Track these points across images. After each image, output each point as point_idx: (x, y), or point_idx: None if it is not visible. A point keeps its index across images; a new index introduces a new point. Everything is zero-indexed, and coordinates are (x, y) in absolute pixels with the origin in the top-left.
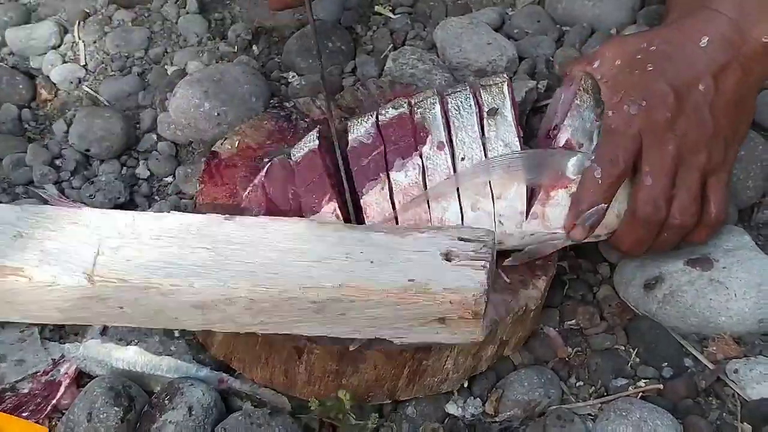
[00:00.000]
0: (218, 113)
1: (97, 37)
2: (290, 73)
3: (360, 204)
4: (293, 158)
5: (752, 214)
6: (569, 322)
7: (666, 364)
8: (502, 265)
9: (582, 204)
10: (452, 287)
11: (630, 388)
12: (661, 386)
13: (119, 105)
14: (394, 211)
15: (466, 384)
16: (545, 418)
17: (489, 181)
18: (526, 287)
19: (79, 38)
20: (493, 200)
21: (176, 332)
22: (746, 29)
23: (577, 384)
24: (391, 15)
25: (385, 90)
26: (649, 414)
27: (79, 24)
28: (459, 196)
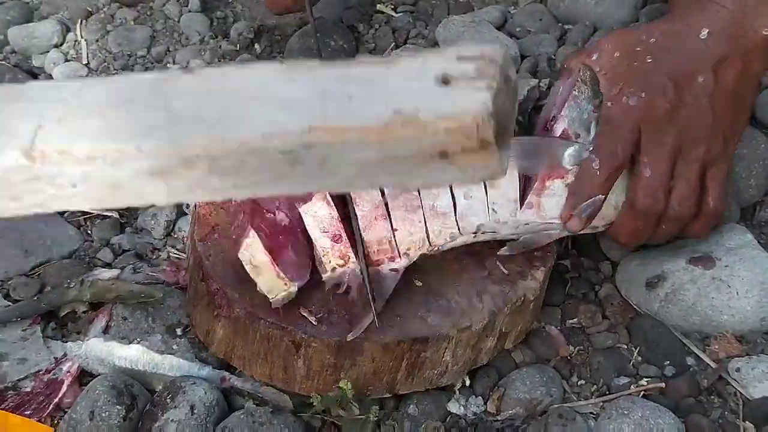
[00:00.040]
0: None
1: (100, 35)
2: None
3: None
4: None
5: (754, 212)
6: (571, 321)
7: (668, 362)
8: (498, 255)
9: (579, 195)
10: (448, 113)
11: (632, 387)
12: (663, 385)
13: None
14: (383, 197)
15: (468, 382)
16: (547, 417)
17: None
18: (525, 278)
19: (82, 37)
20: (486, 188)
21: (178, 331)
22: (747, 22)
23: (579, 382)
24: (393, 13)
25: None
26: (651, 412)
27: (81, 22)
28: (452, 185)
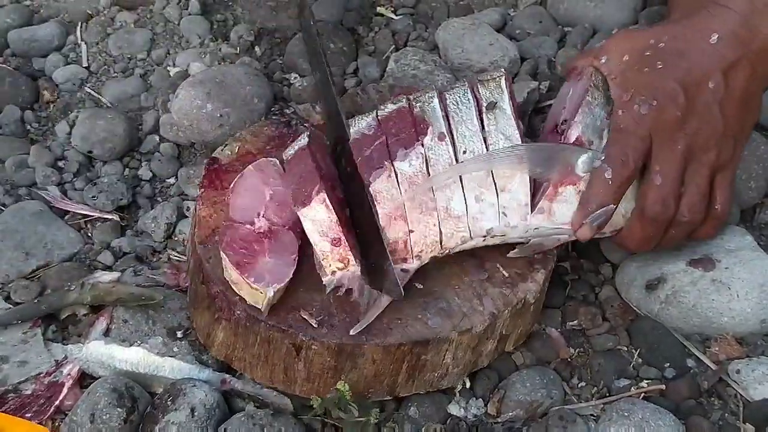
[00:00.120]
0: (220, 114)
1: (100, 38)
2: (292, 74)
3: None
4: (284, 157)
5: (754, 214)
6: (571, 323)
7: (668, 364)
8: (507, 257)
9: (591, 204)
10: None
11: (632, 389)
12: (664, 387)
13: (122, 106)
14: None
15: (468, 384)
16: (547, 419)
17: (492, 174)
18: (525, 281)
19: (82, 40)
20: (497, 192)
21: (179, 333)
22: (756, 25)
23: (580, 384)
24: (392, 16)
25: (385, 94)
26: (651, 414)
27: (81, 25)
28: (463, 187)
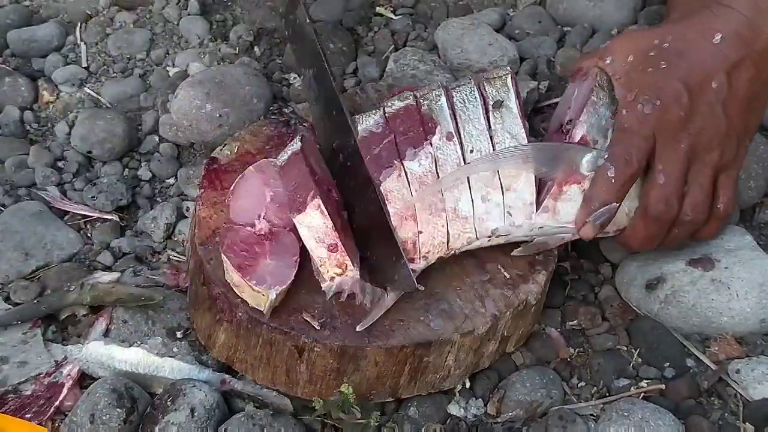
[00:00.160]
0: (220, 115)
1: (99, 38)
2: (292, 74)
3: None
4: (278, 163)
5: (754, 214)
6: (571, 323)
7: (668, 364)
8: (512, 255)
9: (594, 202)
10: None
11: (632, 389)
12: (663, 386)
13: (121, 107)
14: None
15: (468, 384)
16: (547, 419)
17: (498, 173)
18: (526, 282)
19: (81, 40)
20: (503, 192)
21: (179, 333)
22: (759, 25)
23: (579, 384)
24: (392, 16)
25: (384, 93)
26: (651, 414)
27: (80, 26)
28: (470, 187)
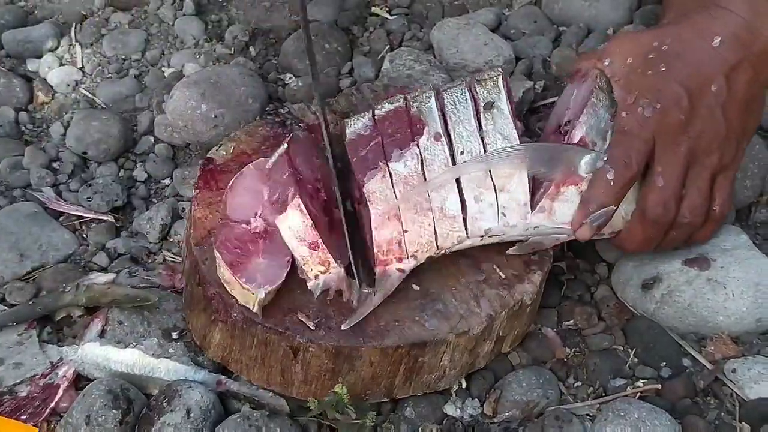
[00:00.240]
0: (215, 115)
1: (94, 39)
2: (287, 74)
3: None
4: (266, 167)
5: (750, 213)
6: (567, 323)
7: (664, 364)
8: (507, 254)
9: (592, 204)
10: None
11: (628, 389)
12: (660, 386)
13: (116, 107)
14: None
15: (465, 385)
16: (543, 419)
17: (491, 174)
18: (521, 282)
19: (76, 41)
20: (496, 192)
21: (174, 334)
22: (757, 28)
23: (576, 384)
24: (387, 16)
25: (380, 94)
26: (647, 414)
27: (75, 26)
28: (461, 187)
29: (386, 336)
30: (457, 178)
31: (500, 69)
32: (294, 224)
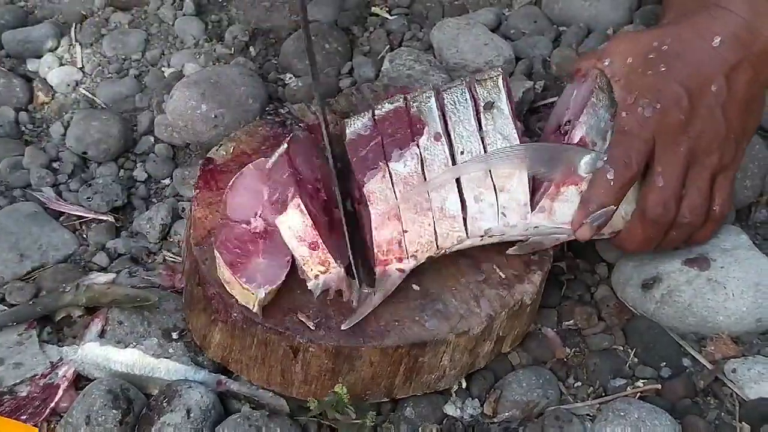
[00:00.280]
0: (215, 115)
1: (94, 39)
2: (287, 74)
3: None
4: (267, 167)
5: (750, 213)
6: (567, 323)
7: (664, 364)
8: (507, 254)
9: (592, 204)
10: None
11: (628, 389)
12: (660, 386)
13: (116, 107)
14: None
15: (465, 385)
16: (543, 419)
17: (490, 174)
18: (521, 282)
19: (76, 41)
20: (496, 192)
21: (174, 334)
22: (758, 28)
23: (576, 384)
24: (387, 16)
25: (380, 94)
26: (647, 414)
27: (75, 26)
28: (462, 187)
29: (386, 336)
30: (457, 178)
31: (500, 69)
32: (294, 224)
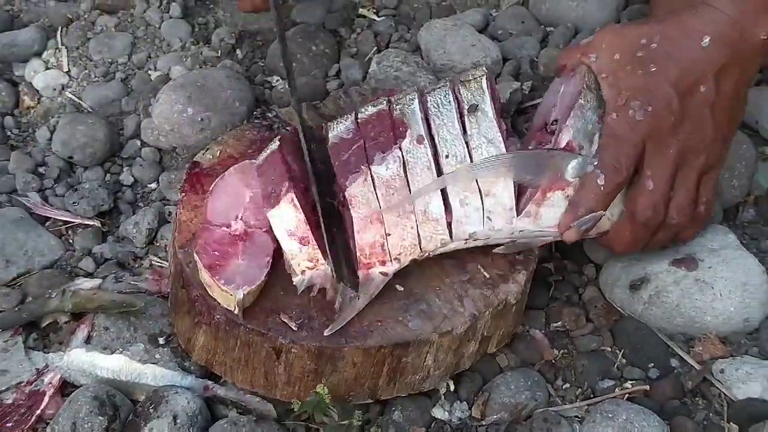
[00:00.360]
0: (201, 119)
1: (80, 43)
2: (274, 77)
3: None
4: (257, 162)
5: (737, 213)
6: (555, 324)
7: (652, 364)
8: (493, 253)
9: (581, 208)
10: None
11: (616, 390)
12: (648, 387)
13: (102, 111)
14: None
15: (453, 387)
16: (532, 421)
17: (476, 178)
18: (506, 282)
19: (62, 44)
20: (482, 196)
21: (161, 340)
22: (745, 27)
23: (564, 386)
24: (375, 17)
25: (368, 97)
26: (635, 415)
27: (62, 30)
28: (446, 190)
29: (369, 336)
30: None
31: (484, 69)
32: (286, 218)
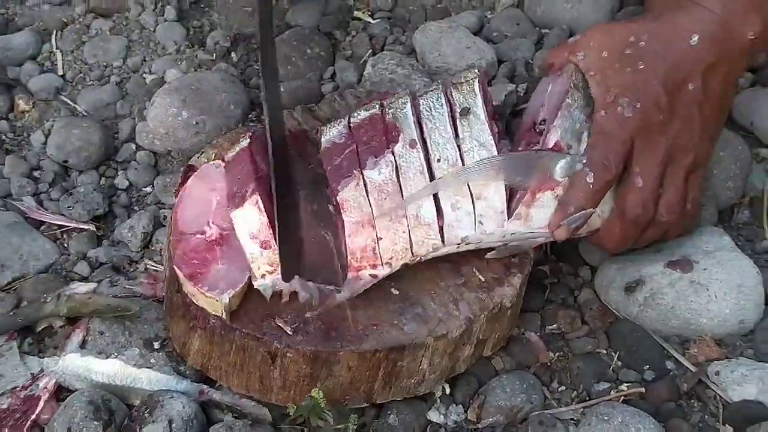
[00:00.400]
0: (196, 122)
1: (75, 46)
2: None
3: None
4: (226, 159)
5: (732, 214)
6: (551, 327)
7: (648, 367)
8: (486, 258)
9: (570, 207)
10: None
11: (612, 392)
12: (643, 390)
13: (97, 115)
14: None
15: (448, 390)
16: (527, 424)
17: (467, 182)
18: (501, 285)
19: (57, 48)
20: (473, 200)
21: (156, 344)
22: (733, 26)
23: (560, 389)
24: (370, 20)
25: (363, 100)
26: (631, 418)
27: (56, 34)
28: (438, 195)
29: (364, 340)
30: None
31: (476, 71)
32: (250, 220)
